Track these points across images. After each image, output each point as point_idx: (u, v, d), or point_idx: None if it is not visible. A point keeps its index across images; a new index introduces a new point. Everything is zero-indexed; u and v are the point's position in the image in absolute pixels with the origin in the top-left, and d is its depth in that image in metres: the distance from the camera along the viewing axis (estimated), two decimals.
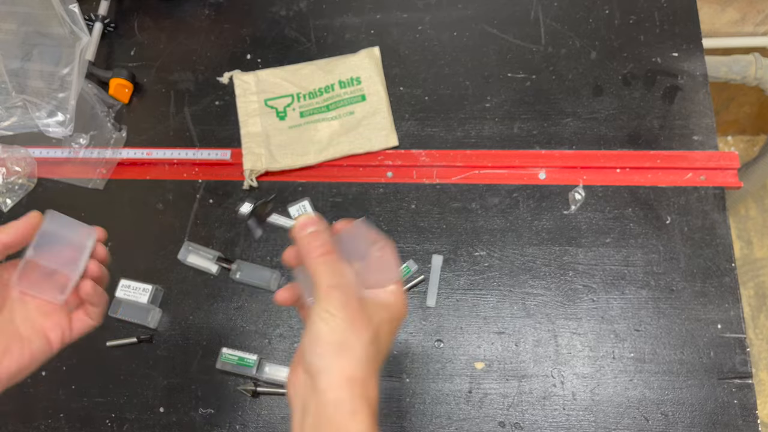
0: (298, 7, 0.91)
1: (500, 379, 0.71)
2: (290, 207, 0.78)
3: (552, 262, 0.75)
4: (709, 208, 0.76)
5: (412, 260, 0.76)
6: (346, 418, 0.37)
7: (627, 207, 0.76)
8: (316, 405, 0.38)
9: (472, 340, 0.72)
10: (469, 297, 0.74)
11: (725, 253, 0.74)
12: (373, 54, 0.86)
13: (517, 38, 0.86)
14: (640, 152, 0.79)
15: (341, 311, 0.39)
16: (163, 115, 0.87)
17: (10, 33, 0.85)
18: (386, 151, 0.81)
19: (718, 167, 0.77)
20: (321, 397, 0.38)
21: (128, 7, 0.94)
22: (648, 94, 0.82)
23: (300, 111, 0.83)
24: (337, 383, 0.38)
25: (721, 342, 0.70)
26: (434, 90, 0.84)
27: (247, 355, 0.72)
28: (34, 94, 0.81)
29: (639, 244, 0.75)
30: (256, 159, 0.81)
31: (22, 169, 0.83)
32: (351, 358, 0.39)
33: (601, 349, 0.71)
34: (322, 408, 0.38)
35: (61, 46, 0.83)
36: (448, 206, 0.78)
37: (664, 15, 0.86)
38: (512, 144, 0.81)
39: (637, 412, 0.68)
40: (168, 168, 0.84)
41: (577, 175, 0.78)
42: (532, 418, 0.69)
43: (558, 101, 0.82)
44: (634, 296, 0.73)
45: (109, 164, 0.83)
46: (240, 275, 0.76)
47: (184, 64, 0.89)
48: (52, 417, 0.73)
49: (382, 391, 0.71)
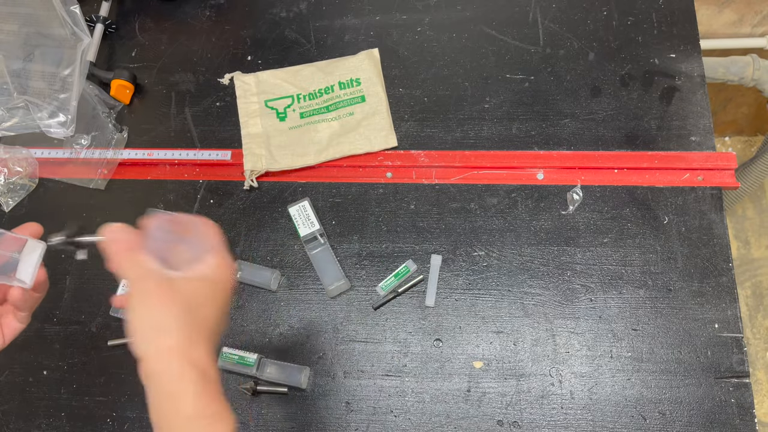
0: (298, 9, 0.92)
1: (499, 378, 0.71)
2: (290, 207, 0.79)
3: (550, 262, 0.75)
4: (706, 209, 0.76)
5: (411, 260, 0.76)
6: (173, 381, 0.42)
7: (625, 207, 0.77)
8: (150, 381, 0.42)
9: (470, 340, 0.73)
10: (467, 297, 0.75)
11: (722, 253, 0.74)
12: (373, 55, 0.86)
13: (515, 39, 0.87)
14: (637, 153, 0.79)
15: (146, 297, 0.44)
16: (164, 115, 0.87)
17: (11, 34, 0.85)
18: (386, 151, 0.82)
19: (715, 167, 0.78)
20: (151, 373, 0.42)
21: (129, 9, 0.94)
22: (646, 95, 0.82)
23: (300, 112, 0.84)
24: (157, 356, 0.42)
25: (718, 341, 0.71)
26: (433, 91, 0.85)
27: (247, 354, 0.73)
28: (36, 95, 0.81)
29: (637, 244, 0.75)
30: (257, 159, 0.81)
31: (24, 169, 0.83)
32: (165, 332, 0.43)
33: (598, 349, 0.71)
34: (155, 381, 0.42)
35: (63, 47, 0.83)
36: (447, 206, 0.79)
37: (662, 16, 0.86)
38: (511, 144, 0.81)
39: (634, 411, 0.69)
40: (169, 168, 0.84)
41: (575, 175, 0.79)
42: (530, 417, 0.69)
43: (556, 102, 0.83)
44: (632, 296, 0.73)
45: (110, 165, 0.84)
46: (240, 275, 0.77)
47: (185, 66, 0.90)
48: (53, 416, 0.74)
49: (381, 390, 0.71)
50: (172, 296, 0.44)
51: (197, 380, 0.42)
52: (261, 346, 0.74)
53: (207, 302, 0.46)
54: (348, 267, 0.77)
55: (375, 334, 0.74)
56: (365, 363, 0.73)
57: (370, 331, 0.74)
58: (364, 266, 0.77)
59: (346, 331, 0.74)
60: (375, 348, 0.73)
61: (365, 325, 0.74)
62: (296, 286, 0.77)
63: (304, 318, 0.75)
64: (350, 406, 0.71)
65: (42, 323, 0.77)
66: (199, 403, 0.42)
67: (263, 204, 0.81)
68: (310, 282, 0.77)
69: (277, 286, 0.77)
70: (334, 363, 0.73)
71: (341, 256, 0.77)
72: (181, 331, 0.43)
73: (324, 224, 0.79)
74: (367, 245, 0.78)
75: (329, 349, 0.74)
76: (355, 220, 0.79)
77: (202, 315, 0.45)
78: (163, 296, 0.44)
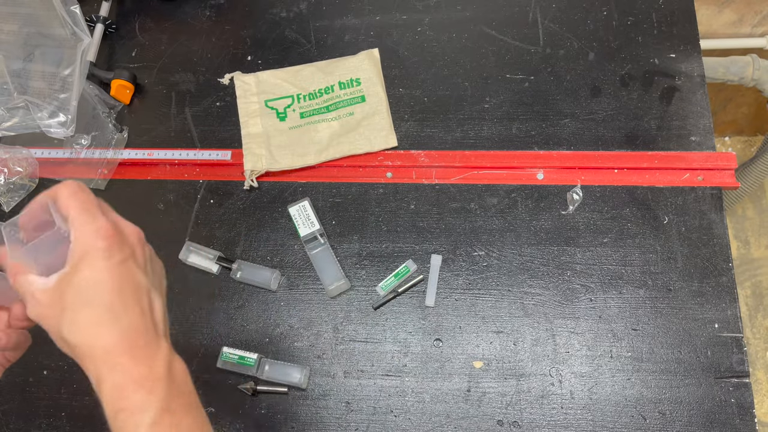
0: (299, 9, 0.92)
1: (499, 378, 0.71)
2: (290, 207, 0.79)
3: (550, 261, 0.75)
4: (706, 208, 0.76)
5: (411, 260, 0.76)
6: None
7: (625, 207, 0.77)
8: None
9: (470, 340, 0.73)
10: (467, 297, 0.75)
11: (722, 252, 0.74)
12: (373, 55, 0.86)
13: (515, 39, 0.87)
14: (637, 153, 0.79)
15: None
16: (164, 115, 0.87)
17: (11, 34, 0.85)
18: (386, 151, 0.82)
19: (715, 167, 0.78)
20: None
21: (129, 9, 0.94)
22: (646, 95, 0.82)
23: (300, 112, 0.84)
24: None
25: (718, 341, 0.71)
26: (433, 91, 0.85)
27: (247, 354, 0.73)
28: (36, 95, 0.81)
29: (636, 244, 0.75)
30: (257, 159, 0.81)
31: (24, 169, 0.83)
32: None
33: (598, 349, 0.71)
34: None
35: (63, 47, 0.83)
36: (447, 206, 0.79)
37: (662, 16, 0.86)
38: (511, 144, 0.81)
39: (634, 410, 0.69)
40: (169, 168, 0.84)
41: (575, 175, 0.79)
42: (530, 417, 0.69)
43: (556, 102, 0.83)
44: (632, 296, 0.73)
45: (110, 165, 0.84)
46: (240, 275, 0.77)
47: (185, 66, 0.90)
48: (53, 416, 0.74)
49: (381, 390, 0.71)
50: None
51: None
52: (261, 346, 0.75)
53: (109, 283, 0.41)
54: (348, 267, 0.77)
55: (375, 334, 0.74)
56: (365, 363, 0.73)
57: (370, 331, 0.74)
58: (364, 266, 0.77)
59: (346, 331, 0.74)
60: (375, 348, 0.73)
61: (365, 325, 0.75)
62: (296, 286, 0.77)
63: (304, 318, 0.75)
64: (350, 406, 0.71)
65: None
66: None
67: (263, 204, 0.81)
68: (310, 282, 0.77)
69: (277, 286, 0.77)
70: (334, 363, 0.73)
71: (341, 256, 0.77)
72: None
73: (324, 224, 0.79)
74: (367, 245, 0.78)
75: (329, 349, 0.74)
76: (355, 220, 0.79)
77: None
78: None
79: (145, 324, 0.42)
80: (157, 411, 0.40)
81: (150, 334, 0.42)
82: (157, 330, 0.43)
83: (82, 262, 0.41)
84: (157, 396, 0.41)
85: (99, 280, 0.41)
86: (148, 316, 0.43)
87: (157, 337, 0.43)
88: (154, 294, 0.44)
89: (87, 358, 0.41)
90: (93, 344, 0.41)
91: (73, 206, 0.42)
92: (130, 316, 0.41)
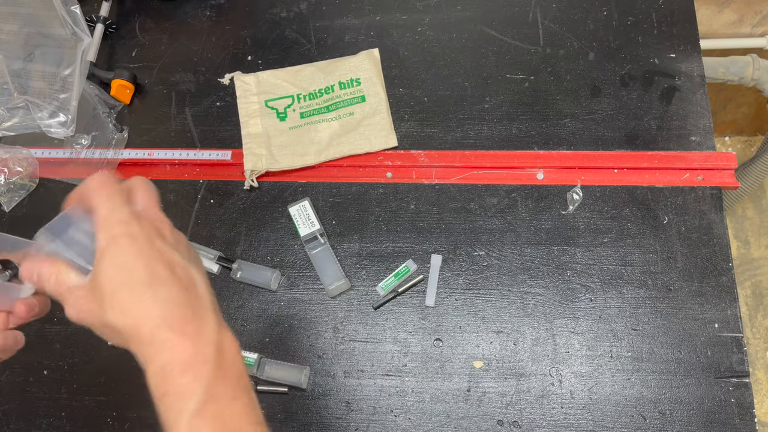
0: (299, 9, 0.92)
1: (499, 378, 0.71)
2: (290, 207, 0.79)
3: (550, 261, 0.75)
4: (706, 208, 0.76)
5: (412, 260, 0.76)
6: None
7: (625, 207, 0.77)
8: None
9: (470, 339, 0.73)
10: (467, 296, 0.75)
11: (722, 252, 0.74)
12: (373, 55, 0.86)
13: (515, 39, 0.87)
14: (637, 153, 0.79)
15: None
16: (164, 115, 0.87)
17: (12, 34, 0.85)
18: (386, 151, 0.82)
19: (715, 167, 0.78)
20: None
21: (129, 9, 0.94)
22: (646, 95, 0.82)
23: (300, 112, 0.84)
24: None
25: (718, 341, 0.71)
26: (433, 91, 0.85)
27: (247, 353, 0.73)
28: (36, 95, 0.81)
29: (636, 243, 0.75)
30: (257, 159, 0.81)
31: (24, 169, 0.83)
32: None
33: (598, 348, 0.71)
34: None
35: (63, 47, 0.84)
36: (447, 206, 0.79)
37: (662, 16, 0.86)
38: (511, 144, 0.81)
39: (634, 410, 0.69)
40: (169, 168, 0.84)
41: (575, 175, 0.79)
42: (530, 417, 0.69)
43: (556, 102, 0.83)
44: (632, 296, 0.73)
45: (110, 165, 0.84)
46: (241, 275, 0.77)
47: (185, 66, 0.90)
48: (53, 415, 0.74)
49: (381, 389, 0.71)
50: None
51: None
52: (261, 346, 0.75)
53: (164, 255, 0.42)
54: (348, 267, 0.77)
55: (375, 334, 0.74)
56: (365, 363, 0.73)
57: (370, 330, 0.74)
58: (364, 266, 0.77)
59: (346, 331, 0.74)
60: (375, 348, 0.73)
61: (365, 325, 0.75)
62: (296, 286, 0.77)
63: (304, 318, 0.75)
64: (350, 405, 0.71)
65: (43, 323, 0.78)
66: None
67: (263, 204, 0.81)
68: (310, 282, 0.77)
69: (277, 286, 0.77)
70: (334, 363, 0.73)
71: (341, 255, 0.78)
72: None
73: (324, 224, 0.79)
74: (367, 245, 0.78)
75: (329, 349, 0.74)
76: (355, 220, 0.79)
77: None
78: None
79: (188, 297, 0.41)
80: (201, 398, 0.40)
81: (195, 307, 0.41)
82: (202, 304, 0.42)
83: (108, 251, 0.41)
84: (202, 382, 0.40)
85: (128, 261, 0.41)
86: (190, 289, 0.42)
87: (204, 311, 0.42)
88: (193, 269, 0.43)
89: (134, 340, 0.41)
90: (137, 323, 0.40)
91: (96, 199, 0.43)
92: (170, 289, 0.41)
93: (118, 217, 0.42)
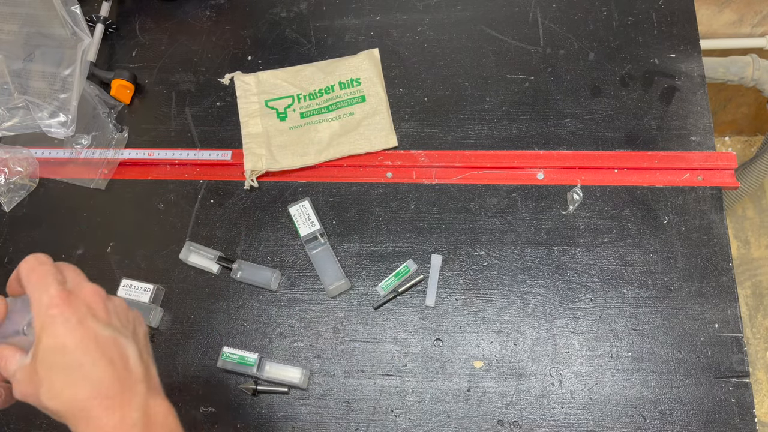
0: (299, 9, 0.92)
1: (499, 378, 0.71)
2: (290, 207, 0.79)
3: (550, 261, 0.75)
4: (706, 208, 0.76)
5: (412, 260, 0.76)
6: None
7: (625, 207, 0.77)
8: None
9: (470, 339, 0.73)
10: (467, 296, 0.75)
11: (722, 252, 0.74)
12: (373, 55, 0.86)
13: (515, 39, 0.87)
14: (637, 153, 0.79)
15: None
16: (164, 115, 0.87)
17: (12, 34, 0.85)
18: (386, 151, 0.82)
19: (715, 167, 0.78)
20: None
21: (129, 9, 0.94)
22: (646, 95, 0.82)
23: (300, 112, 0.84)
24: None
25: (718, 341, 0.71)
26: (433, 91, 0.85)
27: (247, 354, 0.73)
28: (36, 95, 0.81)
29: (637, 243, 0.75)
30: (257, 159, 0.81)
31: (24, 169, 0.83)
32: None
33: (598, 348, 0.71)
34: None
35: (63, 47, 0.84)
36: (447, 206, 0.79)
37: (662, 16, 0.86)
38: (511, 144, 0.81)
39: (634, 410, 0.69)
40: (169, 168, 0.84)
41: (575, 175, 0.79)
42: (530, 417, 0.69)
43: (556, 102, 0.83)
44: (632, 296, 0.73)
45: (110, 165, 0.84)
46: (241, 275, 0.77)
47: (185, 66, 0.90)
48: None
49: (381, 389, 0.71)
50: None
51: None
52: (261, 346, 0.75)
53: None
54: (348, 267, 0.77)
55: (375, 334, 0.74)
56: (365, 363, 0.73)
57: (370, 330, 0.74)
58: (365, 266, 0.77)
59: (346, 331, 0.74)
60: (375, 348, 0.73)
61: (365, 325, 0.75)
62: (296, 286, 0.77)
63: (304, 318, 0.75)
64: (350, 405, 0.71)
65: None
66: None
67: (263, 204, 0.81)
68: (310, 282, 0.77)
69: (277, 286, 0.77)
70: (334, 363, 0.73)
71: (341, 255, 0.78)
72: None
73: (324, 224, 0.79)
74: (368, 245, 0.78)
75: (329, 348, 0.74)
76: (355, 220, 0.79)
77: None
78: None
79: (116, 373, 0.44)
80: None
81: (123, 383, 0.44)
82: (131, 377, 0.45)
83: (43, 333, 0.43)
84: None
85: (62, 344, 0.43)
86: (118, 366, 0.44)
87: (132, 384, 0.44)
88: (124, 342, 0.46)
89: (70, 419, 0.43)
90: (69, 405, 0.43)
91: (29, 282, 0.45)
92: (99, 369, 0.43)
93: (49, 301, 0.44)
